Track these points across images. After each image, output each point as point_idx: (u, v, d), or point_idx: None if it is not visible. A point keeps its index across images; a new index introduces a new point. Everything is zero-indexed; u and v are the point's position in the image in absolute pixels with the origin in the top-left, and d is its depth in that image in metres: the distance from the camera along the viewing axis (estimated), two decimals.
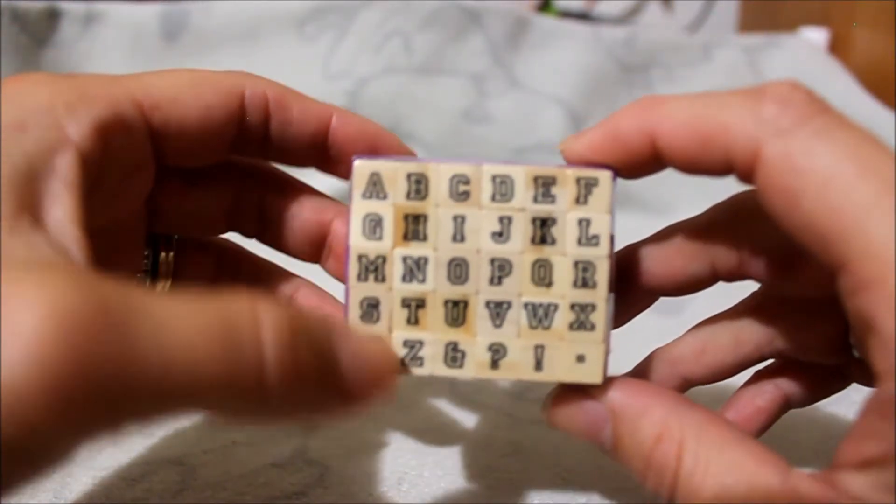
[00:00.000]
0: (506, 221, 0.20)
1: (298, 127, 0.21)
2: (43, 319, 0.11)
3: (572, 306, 0.19)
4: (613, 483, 0.26)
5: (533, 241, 0.20)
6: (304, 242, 0.24)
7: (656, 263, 0.22)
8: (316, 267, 0.24)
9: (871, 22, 0.73)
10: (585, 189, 0.19)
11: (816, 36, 0.75)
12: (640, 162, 0.19)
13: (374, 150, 0.22)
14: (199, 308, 0.14)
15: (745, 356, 0.23)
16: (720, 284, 0.22)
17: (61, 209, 0.17)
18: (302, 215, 0.23)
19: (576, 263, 0.19)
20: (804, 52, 0.73)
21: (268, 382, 0.14)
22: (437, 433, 0.29)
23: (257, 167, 0.24)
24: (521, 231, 0.20)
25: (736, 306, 0.23)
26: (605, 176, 0.19)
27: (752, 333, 0.23)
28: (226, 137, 0.21)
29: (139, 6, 0.57)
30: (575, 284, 0.19)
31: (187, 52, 0.57)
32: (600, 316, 0.19)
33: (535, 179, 0.19)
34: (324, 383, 0.16)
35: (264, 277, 0.25)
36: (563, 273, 0.19)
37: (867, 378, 0.16)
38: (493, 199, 0.20)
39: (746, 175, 0.18)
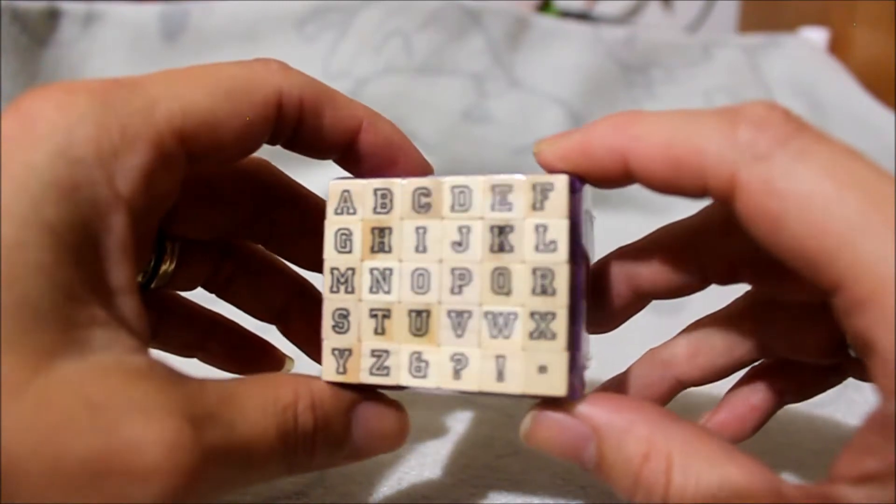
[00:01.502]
0: (465, 231, 0.20)
1: (328, 132, 0.21)
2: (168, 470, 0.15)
3: (532, 315, 0.19)
4: None
5: (491, 249, 0.19)
6: (308, 258, 0.24)
7: (648, 267, 0.21)
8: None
9: (871, 22, 0.73)
10: (542, 195, 0.19)
11: (816, 36, 0.75)
12: (610, 178, 0.19)
13: (393, 162, 0.22)
14: (262, 405, 0.18)
15: (737, 358, 0.23)
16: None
17: (121, 276, 0.17)
18: (310, 236, 0.23)
19: (534, 270, 0.19)
20: (804, 52, 0.73)
21: (296, 448, 0.18)
22: (437, 433, 0.29)
23: (272, 182, 0.24)
24: (480, 240, 0.19)
25: (728, 307, 0.23)
26: (560, 181, 0.19)
27: (745, 335, 0.22)
28: (258, 145, 0.20)
29: (139, 6, 0.57)
30: (534, 292, 0.19)
31: (187, 52, 0.57)
32: (561, 324, 0.19)
33: (493, 188, 0.19)
34: (334, 446, 0.20)
35: (266, 272, 0.25)
36: (521, 281, 0.19)
37: (863, 373, 0.16)
38: (453, 209, 0.20)
39: (723, 199, 0.17)
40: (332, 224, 0.21)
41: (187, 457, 0.15)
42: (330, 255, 0.21)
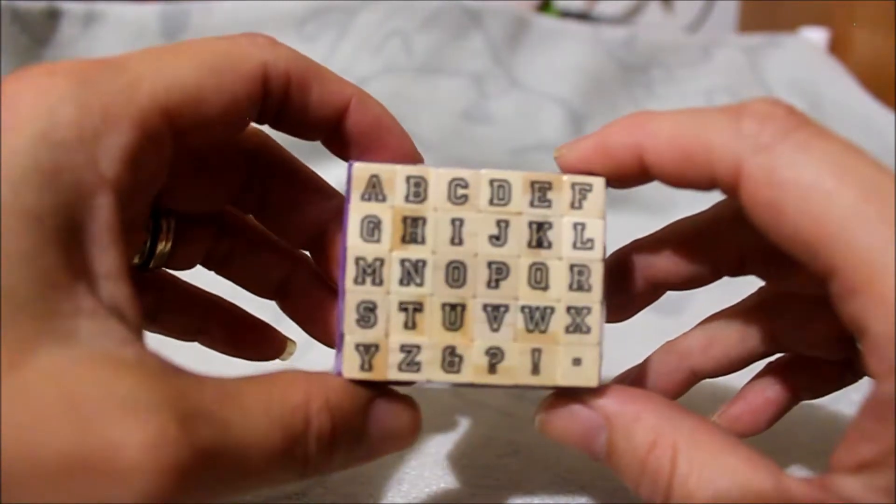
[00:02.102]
0: (503, 225, 0.20)
1: (315, 109, 0.20)
2: (157, 469, 0.14)
3: (568, 309, 0.20)
4: (613, 483, 0.26)
5: (529, 244, 0.20)
6: (299, 236, 0.24)
7: (662, 258, 0.22)
8: None
9: (871, 22, 0.73)
10: (580, 194, 0.20)
11: (816, 36, 0.75)
12: (629, 175, 0.20)
13: (383, 145, 0.21)
14: (266, 405, 0.17)
15: (750, 350, 0.23)
16: (723, 284, 0.23)
17: (108, 261, 0.16)
18: (303, 210, 0.23)
19: (571, 267, 0.20)
20: (804, 52, 0.73)
21: (310, 451, 0.18)
22: (437, 433, 0.29)
23: (268, 152, 0.23)
24: (518, 235, 0.20)
25: (743, 301, 0.24)
26: (598, 182, 0.20)
27: (758, 329, 0.23)
28: (246, 122, 0.20)
29: (139, 6, 0.57)
30: (570, 287, 0.20)
31: None
32: (595, 319, 0.20)
33: (532, 184, 0.20)
34: (352, 447, 0.19)
35: (263, 246, 0.25)
36: (558, 276, 0.20)
37: None
38: (491, 202, 0.20)
39: (730, 190, 0.18)
40: (359, 210, 0.20)
41: (171, 456, 0.14)
42: (355, 243, 0.19)
